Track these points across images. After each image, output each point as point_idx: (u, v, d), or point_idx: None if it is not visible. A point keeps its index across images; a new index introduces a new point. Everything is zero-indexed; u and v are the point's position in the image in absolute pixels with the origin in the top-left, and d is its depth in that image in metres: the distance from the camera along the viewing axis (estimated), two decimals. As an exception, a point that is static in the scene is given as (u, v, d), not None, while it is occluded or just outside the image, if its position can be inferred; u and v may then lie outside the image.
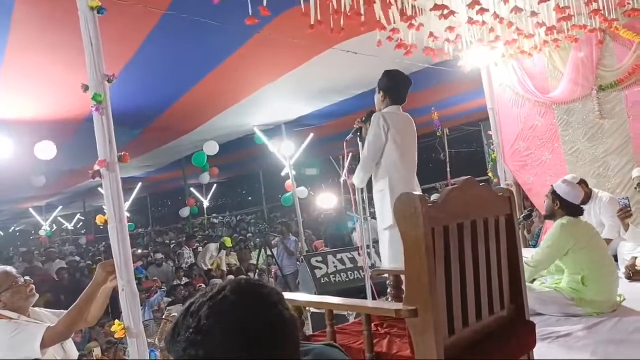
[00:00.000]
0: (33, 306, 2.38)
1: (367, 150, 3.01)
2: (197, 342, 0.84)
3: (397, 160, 2.99)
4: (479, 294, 1.78)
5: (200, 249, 10.44)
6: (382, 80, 3.13)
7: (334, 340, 1.81)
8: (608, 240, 3.83)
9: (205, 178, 9.83)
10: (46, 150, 5.69)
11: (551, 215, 3.19)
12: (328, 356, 1.11)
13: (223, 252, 9.51)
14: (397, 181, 2.95)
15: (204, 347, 0.84)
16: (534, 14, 3.57)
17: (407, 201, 1.59)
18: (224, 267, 9.13)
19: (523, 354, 1.92)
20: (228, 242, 9.80)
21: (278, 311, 0.89)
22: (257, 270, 8.26)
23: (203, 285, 7.43)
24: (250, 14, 2.62)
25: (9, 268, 2.38)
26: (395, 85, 3.11)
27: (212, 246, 9.64)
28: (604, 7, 3.57)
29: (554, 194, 3.17)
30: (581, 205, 3.19)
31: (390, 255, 2.95)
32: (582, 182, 4.11)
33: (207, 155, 8.34)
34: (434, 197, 1.78)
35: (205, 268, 8.88)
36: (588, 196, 4.09)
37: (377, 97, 3.15)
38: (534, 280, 3.21)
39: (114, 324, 2.25)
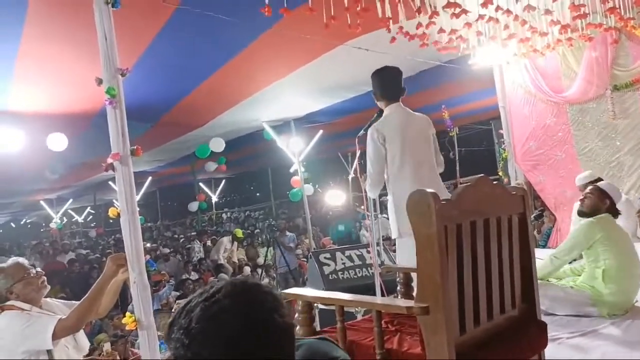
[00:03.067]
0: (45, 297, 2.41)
1: (372, 166, 2.90)
2: (185, 344, 0.84)
3: (401, 169, 2.86)
4: (491, 293, 1.77)
5: (209, 243, 10.51)
6: (371, 81, 3.03)
7: (344, 336, 1.81)
8: None
9: (211, 167, 9.78)
10: (58, 142, 5.76)
11: (595, 212, 3.12)
12: (317, 349, 1.10)
13: (235, 244, 9.60)
14: (400, 195, 2.82)
15: (192, 350, 0.83)
16: (548, 12, 3.53)
17: (420, 199, 1.58)
18: (236, 259, 9.24)
19: (534, 354, 1.91)
20: (239, 232, 9.88)
21: (271, 319, 0.86)
22: (265, 266, 8.33)
23: (212, 279, 7.49)
24: (267, 2, 2.62)
25: (21, 260, 2.41)
26: (380, 83, 2.99)
27: (225, 239, 9.70)
28: (620, 6, 3.52)
29: (602, 192, 3.14)
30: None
31: (400, 260, 2.96)
32: (599, 181, 4.09)
33: (212, 151, 8.28)
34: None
35: (220, 261, 8.95)
36: None
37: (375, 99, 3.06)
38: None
39: (123, 316, 2.27)
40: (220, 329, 0.83)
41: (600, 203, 3.13)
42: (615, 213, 3.14)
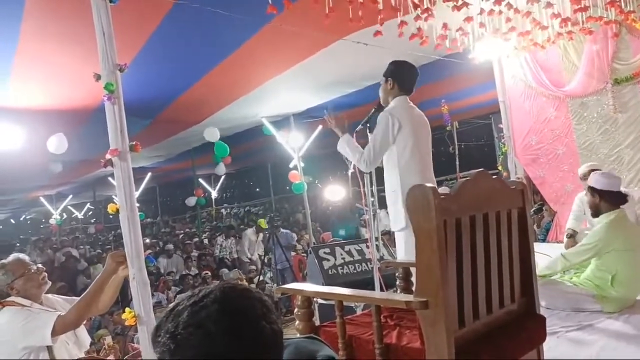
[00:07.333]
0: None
1: (377, 145, 2.87)
2: (171, 350, 0.83)
3: (410, 161, 2.87)
4: (490, 287, 1.77)
5: (220, 239, 10.36)
6: (390, 68, 3.03)
7: (344, 331, 1.82)
8: None
9: (221, 169, 9.51)
10: (58, 144, 5.71)
11: (597, 212, 3.10)
12: (303, 349, 1.09)
13: (261, 235, 9.23)
14: (409, 183, 2.85)
15: (177, 356, 0.83)
16: (549, 4, 3.52)
17: (420, 193, 1.58)
18: (260, 252, 9.02)
19: (533, 347, 1.92)
20: (263, 223, 9.28)
21: (260, 327, 0.86)
22: (263, 262, 8.36)
23: (208, 273, 7.50)
24: (270, 2, 2.61)
25: (21, 256, 2.41)
26: (404, 72, 3.01)
27: (249, 231, 9.43)
28: (620, -1, 3.51)
29: (591, 189, 3.11)
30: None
31: (404, 255, 2.94)
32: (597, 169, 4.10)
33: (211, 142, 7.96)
34: (442, 189, 1.77)
35: (249, 256, 8.80)
36: None
37: (385, 87, 3.02)
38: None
39: (123, 312, 2.28)
40: (206, 336, 0.82)
41: (594, 200, 3.11)
42: (618, 201, 3.05)
